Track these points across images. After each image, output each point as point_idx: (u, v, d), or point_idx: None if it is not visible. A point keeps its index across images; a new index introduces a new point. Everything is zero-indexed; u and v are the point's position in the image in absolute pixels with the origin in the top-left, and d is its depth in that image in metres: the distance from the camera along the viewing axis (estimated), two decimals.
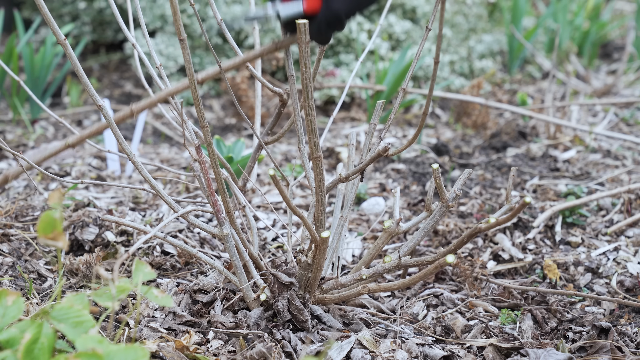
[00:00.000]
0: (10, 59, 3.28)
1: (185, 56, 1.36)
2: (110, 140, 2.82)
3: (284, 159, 3.13)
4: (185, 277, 1.98)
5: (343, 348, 1.61)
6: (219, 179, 1.55)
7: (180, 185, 2.67)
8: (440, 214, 1.66)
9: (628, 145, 3.25)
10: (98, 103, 1.52)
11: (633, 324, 1.79)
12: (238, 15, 1.48)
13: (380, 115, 1.74)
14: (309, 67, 1.31)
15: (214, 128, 3.69)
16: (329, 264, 1.79)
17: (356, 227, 2.42)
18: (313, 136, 1.40)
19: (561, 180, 2.85)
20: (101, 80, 4.40)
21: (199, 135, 1.76)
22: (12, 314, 1.15)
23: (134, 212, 2.32)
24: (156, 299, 1.21)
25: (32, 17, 4.65)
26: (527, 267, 2.13)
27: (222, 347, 1.61)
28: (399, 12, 4.25)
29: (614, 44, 5.56)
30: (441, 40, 1.24)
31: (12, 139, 3.32)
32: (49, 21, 1.40)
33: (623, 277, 2.03)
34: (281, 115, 1.82)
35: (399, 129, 3.63)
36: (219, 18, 1.68)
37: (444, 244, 2.27)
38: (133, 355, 1.06)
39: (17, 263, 1.94)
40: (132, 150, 1.63)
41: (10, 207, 2.26)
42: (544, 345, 1.65)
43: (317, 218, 1.54)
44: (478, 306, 1.90)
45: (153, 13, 4.02)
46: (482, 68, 4.37)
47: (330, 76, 3.85)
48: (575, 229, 2.36)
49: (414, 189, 2.75)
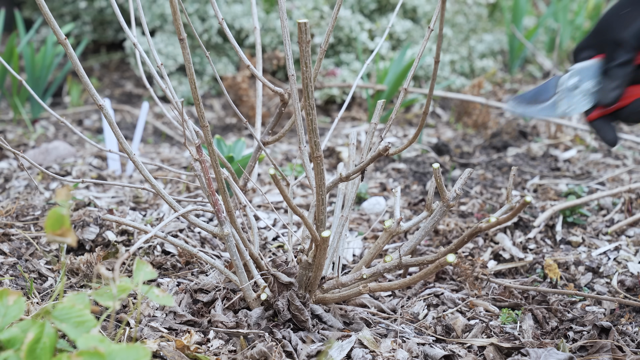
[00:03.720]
0: (11, 59, 3.28)
1: (185, 56, 1.36)
2: (111, 139, 2.82)
3: (284, 159, 3.13)
4: (186, 276, 1.98)
5: (344, 347, 1.61)
6: (219, 179, 1.55)
7: (180, 184, 2.67)
8: (441, 213, 1.66)
9: (629, 145, 3.25)
10: (99, 102, 1.52)
11: (634, 324, 1.79)
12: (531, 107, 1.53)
13: (380, 115, 1.74)
14: (310, 66, 1.31)
15: (214, 127, 3.69)
16: (330, 263, 1.79)
17: (357, 227, 2.42)
18: (314, 136, 1.40)
19: (562, 179, 2.85)
20: (102, 80, 4.41)
21: (200, 134, 1.76)
22: (13, 313, 1.15)
23: (134, 211, 2.32)
24: (157, 299, 1.21)
25: (32, 16, 4.65)
26: (527, 267, 2.13)
27: (222, 346, 1.62)
28: (400, 11, 4.25)
29: None
30: (442, 39, 1.24)
31: (12, 139, 3.32)
32: (49, 21, 1.40)
33: (624, 277, 2.03)
34: (282, 114, 1.81)
35: (399, 128, 3.63)
36: (220, 17, 1.68)
37: (445, 244, 2.27)
38: (134, 355, 1.07)
39: (18, 263, 1.94)
40: (132, 149, 1.63)
41: (10, 206, 2.26)
42: (545, 344, 1.65)
43: (317, 217, 1.54)
44: (479, 306, 1.90)
45: (152, 12, 4.02)
46: (483, 68, 4.37)
47: (331, 76, 3.85)
48: (576, 229, 2.36)
49: (414, 189, 2.75)
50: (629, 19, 1.46)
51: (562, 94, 1.47)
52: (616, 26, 1.47)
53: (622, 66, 1.46)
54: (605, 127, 1.51)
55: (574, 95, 1.47)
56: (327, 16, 3.96)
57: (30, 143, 3.25)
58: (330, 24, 1.57)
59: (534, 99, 1.50)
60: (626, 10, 1.47)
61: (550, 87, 1.49)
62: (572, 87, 1.47)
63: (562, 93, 1.47)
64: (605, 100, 1.47)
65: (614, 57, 1.46)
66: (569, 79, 1.47)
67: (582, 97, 1.48)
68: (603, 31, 1.49)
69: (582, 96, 1.48)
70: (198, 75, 4.14)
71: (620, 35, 1.45)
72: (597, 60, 1.48)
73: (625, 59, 1.46)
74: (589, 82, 1.47)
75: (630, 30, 1.45)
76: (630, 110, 1.49)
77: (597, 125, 1.51)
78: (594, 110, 1.49)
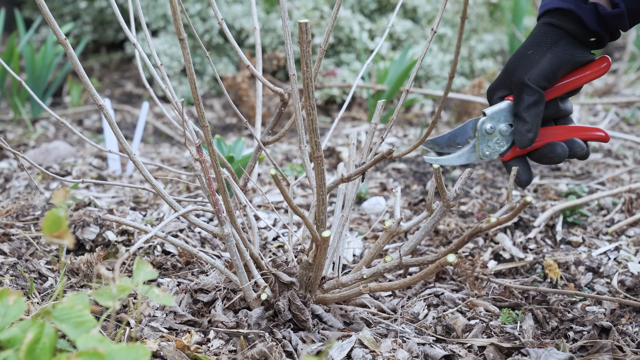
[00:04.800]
0: (11, 59, 3.28)
1: (185, 56, 1.36)
2: (111, 139, 2.82)
3: (284, 159, 3.13)
4: (186, 276, 1.98)
5: (344, 347, 1.61)
6: (219, 179, 1.55)
7: (181, 184, 2.67)
8: (441, 213, 1.66)
9: (629, 145, 3.25)
10: (99, 102, 1.52)
11: (634, 324, 1.79)
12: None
13: (381, 115, 1.74)
14: (311, 66, 1.31)
15: (215, 127, 3.69)
16: (330, 263, 1.79)
17: (357, 227, 2.42)
18: (314, 136, 1.40)
19: (562, 179, 2.85)
20: (102, 80, 4.41)
21: (200, 134, 1.76)
22: (13, 313, 1.15)
23: (134, 211, 2.32)
24: (157, 298, 1.21)
25: (32, 16, 4.65)
26: (528, 267, 2.13)
27: (223, 346, 1.62)
28: (400, 11, 4.25)
29: (614, 44, 5.56)
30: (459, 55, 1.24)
31: (12, 139, 3.32)
32: (49, 21, 1.40)
33: (624, 277, 2.03)
34: (282, 114, 1.81)
35: (399, 128, 3.63)
36: (220, 18, 1.68)
37: (445, 244, 2.27)
38: (134, 355, 1.06)
39: (18, 263, 1.94)
40: (132, 149, 1.63)
41: (11, 206, 2.26)
42: (545, 344, 1.65)
43: (318, 217, 1.54)
44: (479, 306, 1.90)
45: (155, 13, 4.02)
46: (483, 68, 4.37)
47: (331, 75, 3.85)
48: (576, 229, 2.36)
49: (414, 189, 2.75)
50: (533, 59, 1.49)
51: (480, 138, 1.53)
52: (522, 67, 1.49)
53: (531, 107, 1.48)
54: (520, 167, 1.54)
55: (491, 139, 1.53)
56: (328, 16, 3.97)
57: (31, 143, 3.25)
58: (329, 24, 1.57)
59: (449, 142, 1.56)
60: (531, 51, 1.49)
61: (466, 131, 1.55)
62: (489, 130, 1.52)
63: (480, 137, 1.53)
64: (522, 144, 1.50)
65: (522, 99, 1.48)
66: (485, 123, 1.52)
67: (499, 139, 1.53)
68: (511, 72, 1.51)
69: (499, 139, 1.53)
70: (198, 75, 4.14)
71: (526, 76, 1.47)
72: (510, 102, 1.52)
73: (533, 100, 1.47)
74: (503, 125, 1.52)
75: (535, 71, 1.47)
76: (541, 154, 1.53)
77: (511, 166, 1.55)
78: (509, 151, 1.54)
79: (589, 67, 1.51)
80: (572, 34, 1.48)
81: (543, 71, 1.47)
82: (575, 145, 1.51)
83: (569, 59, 1.48)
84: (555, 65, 1.47)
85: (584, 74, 1.51)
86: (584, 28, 1.47)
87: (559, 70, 1.48)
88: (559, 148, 1.50)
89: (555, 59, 1.47)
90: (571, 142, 1.52)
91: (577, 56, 1.49)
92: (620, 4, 1.45)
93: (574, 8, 1.46)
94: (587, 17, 1.46)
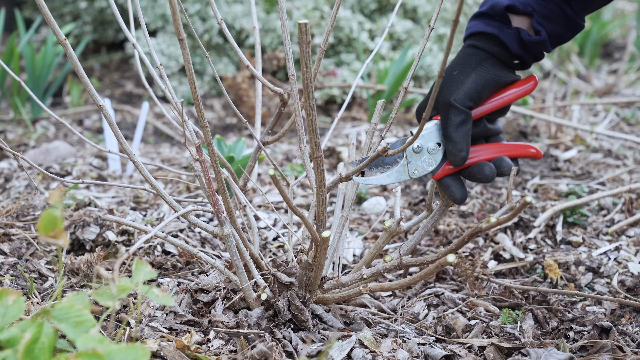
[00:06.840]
0: (11, 59, 3.28)
1: (185, 56, 1.36)
2: (111, 139, 2.82)
3: (284, 159, 3.13)
4: (186, 276, 1.98)
5: (344, 347, 1.61)
6: (219, 179, 1.55)
7: (181, 184, 2.67)
8: (441, 213, 1.66)
9: (629, 145, 3.25)
10: (99, 103, 1.52)
11: (634, 324, 1.79)
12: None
13: (381, 115, 1.74)
14: (310, 66, 1.31)
15: (215, 127, 3.69)
16: (330, 263, 1.79)
17: (357, 227, 2.42)
18: (314, 136, 1.40)
19: (562, 179, 2.85)
20: (102, 80, 4.41)
21: (200, 134, 1.76)
22: (12, 313, 1.15)
23: (134, 211, 2.32)
24: (157, 299, 1.21)
25: (33, 16, 4.65)
26: (528, 267, 2.13)
27: (223, 346, 1.62)
28: (400, 11, 4.25)
29: (615, 44, 5.56)
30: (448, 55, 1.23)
31: (13, 139, 3.32)
32: (49, 21, 1.40)
33: (624, 277, 2.03)
34: (282, 114, 1.82)
35: (399, 128, 3.63)
36: (219, 18, 1.68)
37: (445, 244, 2.27)
38: (134, 355, 1.06)
39: (18, 263, 1.94)
40: (132, 149, 1.63)
41: (11, 206, 2.26)
42: (545, 344, 1.65)
43: (317, 218, 1.54)
44: (479, 306, 1.90)
45: (154, 13, 4.02)
46: None
47: (331, 76, 3.85)
48: (576, 229, 2.36)
49: (414, 189, 2.75)
50: (459, 80, 1.50)
51: (409, 157, 1.54)
52: (448, 88, 1.51)
53: (459, 127, 1.49)
54: (453, 184, 1.55)
55: (419, 158, 1.54)
56: (328, 16, 3.96)
57: (31, 143, 3.25)
58: (329, 24, 1.57)
59: (377, 162, 1.57)
60: (456, 72, 1.51)
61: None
62: (416, 149, 1.54)
63: (408, 156, 1.54)
64: (455, 163, 1.51)
65: (449, 119, 1.50)
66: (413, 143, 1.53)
67: (427, 158, 1.54)
68: (438, 92, 1.51)
69: (427, 158, 1.54)
70: (198, 75, 4.14)
71: (452, 97, 1.49)
72: (437, 121, 1.54)
73: (460, 120, 1.48)
74: (431, 144, 1.54)
75: (461, 91, 1.49)
76: (470, 172, 1.54)
77: (444, 184, 1.56)
78: (439, 169, 1.55)
79: (514, 86, 1.54)
80: (496, 56, 1.51)
81: (468, 91, 1.48)
82: (504, 164, 1.53)
83: (493, 79, 1.51)
84: (480, 86, 1.49)
85: (510, 93, 1.54)
86: (507, 51, 1.51)
87: (484, 91, 1.50)
88: (487, 169, 1.52)
89: (479, 80, 1.50)
90: (500, 160, 1.53)
91: (501, 77, 1.52)
92: (542, 31, 1.48)
93: (497, 32, 1.49)
94: (510, 41, 1.49)
